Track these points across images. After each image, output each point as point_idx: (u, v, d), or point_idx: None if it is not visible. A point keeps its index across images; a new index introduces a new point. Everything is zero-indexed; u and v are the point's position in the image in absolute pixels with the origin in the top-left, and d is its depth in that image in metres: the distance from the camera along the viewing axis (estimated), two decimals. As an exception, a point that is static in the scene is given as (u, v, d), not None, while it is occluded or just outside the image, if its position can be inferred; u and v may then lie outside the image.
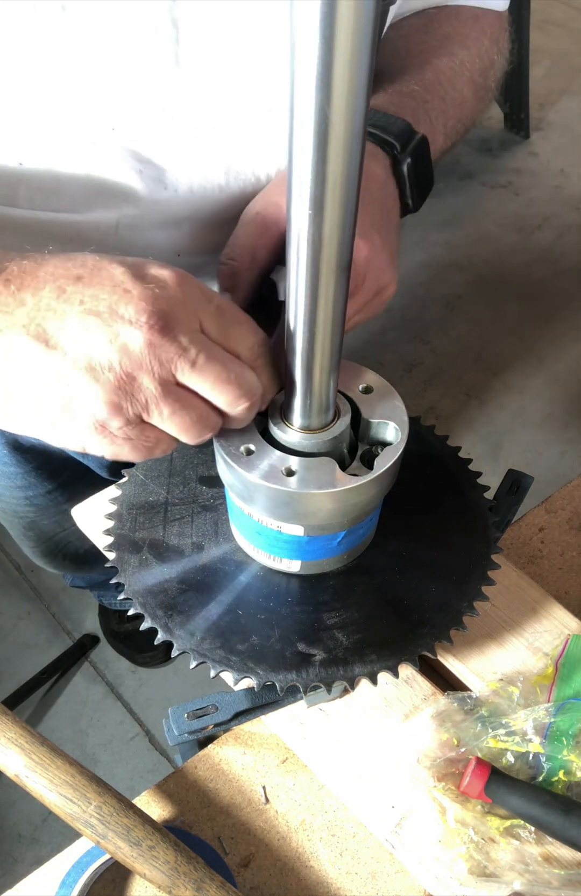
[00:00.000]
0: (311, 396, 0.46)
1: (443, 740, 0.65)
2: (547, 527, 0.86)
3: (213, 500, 0.64)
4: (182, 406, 0.43)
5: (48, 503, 1.09)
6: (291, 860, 0.66)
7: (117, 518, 0.63)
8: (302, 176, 0.33)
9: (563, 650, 0.69)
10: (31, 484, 1.04)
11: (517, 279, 2.56)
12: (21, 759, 0.59)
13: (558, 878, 0.60)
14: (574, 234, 2.68)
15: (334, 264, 0.38)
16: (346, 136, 0.32)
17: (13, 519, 1.18)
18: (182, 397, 0.43)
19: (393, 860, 0.65)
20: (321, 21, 0.27)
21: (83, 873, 0.64)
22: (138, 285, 0.41)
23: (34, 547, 1.29)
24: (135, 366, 0.41)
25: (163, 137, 0.61)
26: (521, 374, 2.34)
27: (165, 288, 0.42)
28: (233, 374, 0.43)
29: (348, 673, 0.55)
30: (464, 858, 0.61)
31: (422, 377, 2.33)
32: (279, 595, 0.59)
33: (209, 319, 0.43)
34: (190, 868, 0.57)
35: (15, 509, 1.13)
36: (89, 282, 0.42)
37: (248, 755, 0.71)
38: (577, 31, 3.42)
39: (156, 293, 0.41)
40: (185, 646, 0.56)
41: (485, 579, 0.60)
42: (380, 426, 0.51)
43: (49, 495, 1.07)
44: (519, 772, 0.64)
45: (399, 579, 0.60)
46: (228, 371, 0.43)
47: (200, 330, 0.43)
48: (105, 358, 0.41)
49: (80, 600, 1.94)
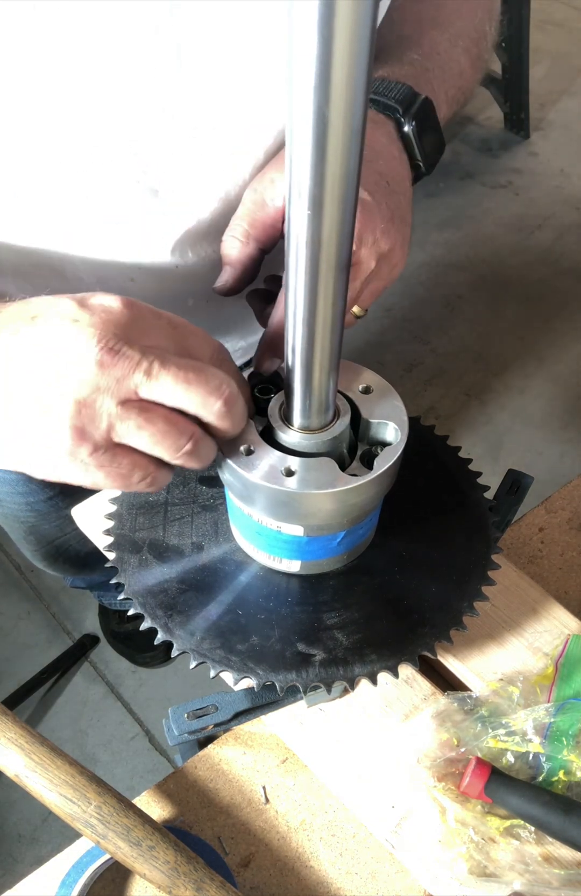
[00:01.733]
0: (311, 396, 0.46)
1: (443, 740, 0.65)
2: (547, 527, 0.86)
3: (213, 500, 0.64)
4: (147, 418, 0.43)
5: (49, 508, 1.09)
6: (291, 860, 0.66)
7: (117, 518, 0.63)
8: (301, 175, 0.33)
9: (563, 650, 0.69)
10: (32, 490, 1.04)
11: (517, 279, 2.56)
12: (21, 759, 0.59)
13: (558, 878, 0.60)
14: (574, 234, 2.68)
15: (333, 263, 0.38)
16: (344, 135, 0.32)
17: (14, 524, 1.18)
18: (146, 409, 0.43)
19: (393, 860, 0.65)
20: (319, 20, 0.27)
21: (83, 873, 0.64)
22: (85, 314, 0.43)
23: (35, 551, 1.29)
24: (91, 389, 0.42)
25: (162, 148, 0.61)
26: (521, 374, 2.34)
27: (111, 312, 0.43)
28: (192, 374, 0.43)
29: (348, 673, 0.55)
30: (464, 858, 0.61)
31: (422, 377, 2.33)
32: (279, 595, 0.59)
33: (161, 333, 0.44)
34: (190, 868, 0.57)
35: (16, 514, 1.13)
36: (44, 319, 0.43)
37: (248, 755, 0.71)
38: (577, 31, 3.42)
39: (103, 318, 0.43)
40: (185, 646, 0.56)
41: (485, 579, 0.60)
42: (379, 426, 0.51)
43: (50, 501, 1.07)
44: (519, 772, 0.64)
45: (399, 579, 0.60)
46: (187, 372, 0.43)
47: (155, 345, 0.44)
48: (61, 387, 0.42)
49: (80, 600, 1.94)
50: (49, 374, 0.42)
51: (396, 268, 0.61)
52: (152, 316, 0.45)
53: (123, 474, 0.45)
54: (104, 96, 0.57)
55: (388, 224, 0.58)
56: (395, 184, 0.61)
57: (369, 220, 0.56)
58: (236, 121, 0.62)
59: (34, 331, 0.43)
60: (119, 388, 0.42)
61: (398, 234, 0.59)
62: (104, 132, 0.59)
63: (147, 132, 0.60)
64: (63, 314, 0.43)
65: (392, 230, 0.58)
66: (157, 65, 0.56)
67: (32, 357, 0.43)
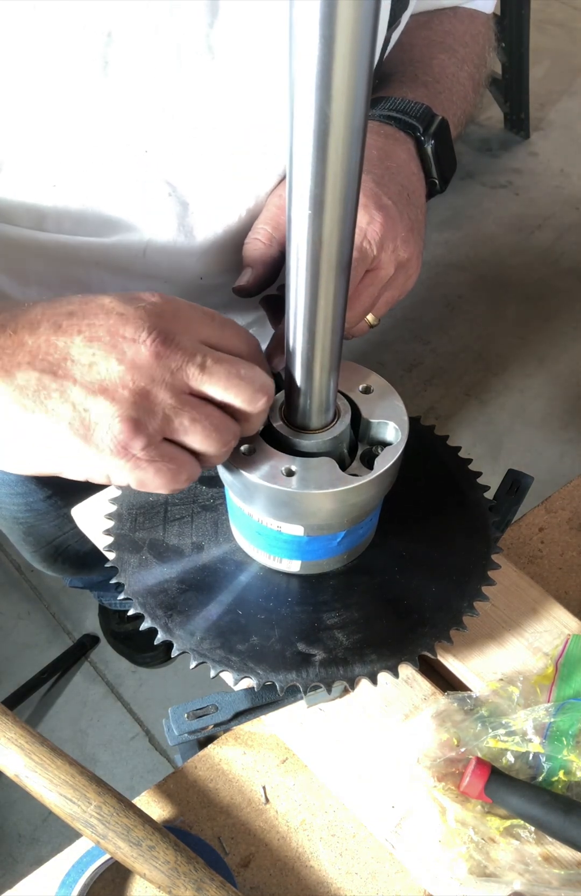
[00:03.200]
0: (311, 396, 0.46)
1: (443, 740, 0.65)
2: (547, 527, 0.86)
3: (213, 500, 0.64)
4: (200, 413, 0.43)
5: (47, 508, 1.09)
6: (291, 860, 0.66)
7: (117, 518, 0.63)
8: (302, 175, 0.33)
9: (563, 650, 0.69)
10: (29, 490, 1.04)
11: (517, 279, 2.56)
12: (21, 759, 0.59)
13: (558, 878, 0.60)
14: (574, 234, 2.68)
15: (334, 263, 0.38)
16: (345, 135, 0.32)
17: (12, 524, 1.18)
18: (198, 405, 0.43)
19: (393, 860, 0.65)
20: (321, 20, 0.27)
21: (83, 873, 0.64)
22: (129, 307, 0.42)
23: (34, 552, 1.29)
24: (147, 380, 0.41)
25: (192, 158, 0.61)
26: (521, 374, 2.34)
27: (156, 305, 0.43)
28: (242, 371, 0.44)
29: (348, 673, 0.55)
30: (464, 858, 0.61)
31: (422, 377, 2.33)
32: (279, 595, 0.59)
33: (205, 327, 0.44)
34: (190, 868, 0.57)
35: (14, 515, 1.13)
36: (83, 314, 0.42)
37: (248, 755, 0.71)
38: (577, 31, 3.42)
39: (148, 310, 0.42)
40: (185, 646, 0.56)
41: (485, 579, 0.60)
42: (380, 426, 0.51)
43: (48, 500, 1.07)
44: (519, 772, 0.64)
45: (399, 579, 0.60)
46: (238, 369, 0.43)
47: (202, 338, 0.44)
48: (116, 377, 0.41)
49: (80, 600, 1.94)
50: (103, 365, 0.41)
51: (411, 279, 0.61)
52: (193, 309, 0.44)
53: (173, 470, 0.43)
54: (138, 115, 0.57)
55: (408, 234, 0.58)
56: (414, 198, 0.62)
57: (392, 226, 0.56)
58: (245, 122, 0.62)
59: (76, 323, 0.42)
60: (173, 379, 0.41)
61: (416, 245, 0.60)
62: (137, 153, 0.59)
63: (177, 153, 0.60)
64: (106, 309, 0.42)
65: (412, 240, 0.59)
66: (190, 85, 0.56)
67: (78, 349, 0.41)
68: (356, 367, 0.52)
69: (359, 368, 0.52)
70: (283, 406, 0.49)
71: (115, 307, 0.42)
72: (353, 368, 0.52)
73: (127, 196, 0.62)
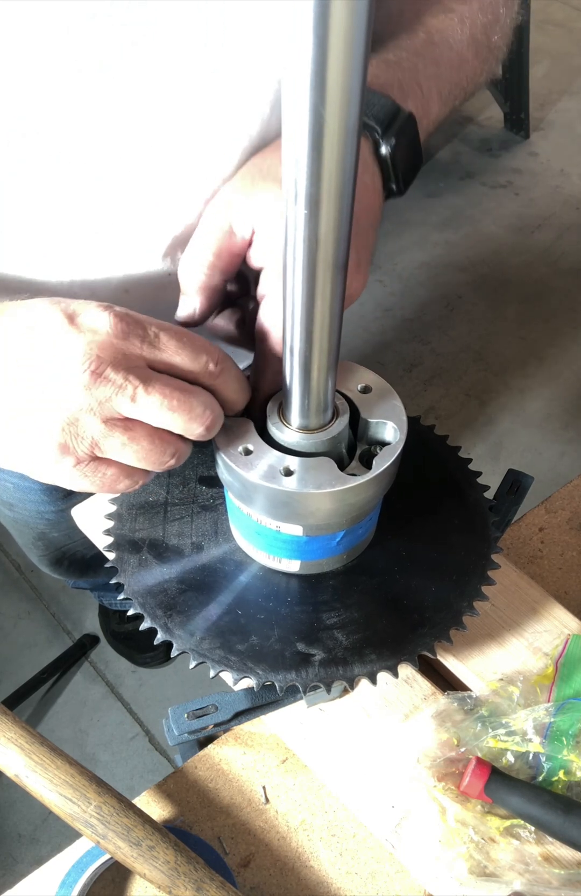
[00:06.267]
0: (309, 396, 0.46)
1: (443, 740, 0.65)
2: (547, 527, 0.86)
3: (213, 500, 0.64)
4: (131, 437, 0.45)
5: (61, 519, 1.09)
6: (291, 860, 0.66)
7: (117, 518, 0.63)
8: (297, 175, 0.33)
9: (563, 650, 0.69)
10: (47, 500, 1.04)
11: (517, 279, 2.56)
12: (21, 759, 0.59)
13: (558, 878, 0.60)
14: (574, 234, 2.68)
15: (331, 263, 0.38)
16: (340, 134, 0.31)
17: (24, 529, 1.19)
18: (130, 428, 0.45)
19: (393, 860, 0.65)
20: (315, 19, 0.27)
21: (83, 873, 0.64)
22: (72, 334, 0.44)
23: (41, 556, 1.29)
24: (75, 408, 0.44)
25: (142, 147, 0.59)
26: (521, 374, 2.34)
27: (97, 333, 0.44)
28: (175, 401, 0.44)
29: (348, 673, 0.55)
30: (464, 858, 0.61)
31: (422, 377, 2.33)
32: (279, 595, 0.59)
33: (150, 351, 0.45)
34: (190, 868, 0.57)
35: (28, 521, 1.13)
36: (38, 332, 0.45)
37: (248, 755, 0.71)
38: (577, 31, 3.42)
39: (90, 338, 0.44)
40: (185, 646, 0.56)
41: (485, 579, 0.60)
42: (378, 426, 0.51)
43: (63, 513, 1.07)
44: (519, 772, 0.64)
45: (399, 579, 0.60)
46: (170, 399, 0.44)
47: (145, 364, 0.45)
48: (52, 403, 0.44)
49: (80, 600, 1.94)
50: (38, 388, 0.44)
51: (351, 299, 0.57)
52: (140, 333, 0.45)
53: (107, 483, 0.47)
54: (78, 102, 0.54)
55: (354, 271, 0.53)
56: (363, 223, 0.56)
57: None
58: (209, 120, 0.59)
59: (27, 342, 0.45)
60: (102, 409, 0.44)
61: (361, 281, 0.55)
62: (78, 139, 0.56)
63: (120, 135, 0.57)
64: (54, 330, 0.44)
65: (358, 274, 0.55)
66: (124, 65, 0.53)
67: (24, 369, 0.45)
68: (355, 366, 0.52)
69: (357, 368, 0.52)
70: (281, 405, 0.49)
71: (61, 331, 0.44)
72: (352, 368, 0.52)
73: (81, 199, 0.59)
